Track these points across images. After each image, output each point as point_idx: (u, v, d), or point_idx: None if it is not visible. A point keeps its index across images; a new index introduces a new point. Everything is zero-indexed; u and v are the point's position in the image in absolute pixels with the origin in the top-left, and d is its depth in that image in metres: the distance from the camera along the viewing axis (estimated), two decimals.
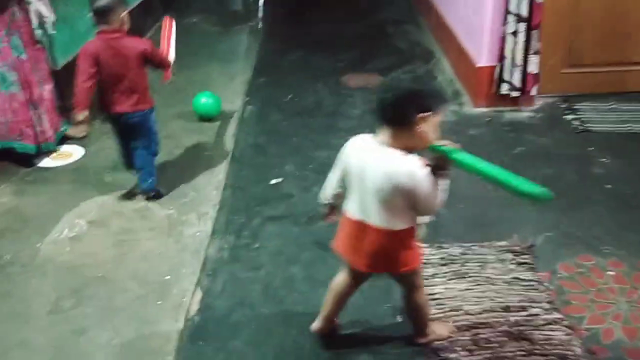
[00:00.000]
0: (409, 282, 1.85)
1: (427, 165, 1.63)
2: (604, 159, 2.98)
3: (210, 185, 2.92)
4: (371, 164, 1.66)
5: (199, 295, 2.23)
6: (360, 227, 1.73)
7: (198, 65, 4.32)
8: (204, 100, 3.52)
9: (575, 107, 3.51)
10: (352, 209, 1.76)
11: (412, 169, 1.60)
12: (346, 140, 1.86)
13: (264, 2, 5.93)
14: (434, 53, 4.45)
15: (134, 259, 2.43)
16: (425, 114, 1.60)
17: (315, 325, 2.00)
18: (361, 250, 1.76)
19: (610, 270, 2.24)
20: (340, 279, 1.91)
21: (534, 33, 3.28)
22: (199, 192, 2.87)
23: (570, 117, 3.41)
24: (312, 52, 4.58)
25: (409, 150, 1.63)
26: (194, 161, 3.14)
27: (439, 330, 1.98)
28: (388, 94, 1.66)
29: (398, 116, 1.61)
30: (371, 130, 3.21)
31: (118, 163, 2.90)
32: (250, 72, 4.29)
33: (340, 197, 1.84)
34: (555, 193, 2.64)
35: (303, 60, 4.45)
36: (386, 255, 1.75)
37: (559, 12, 3.39)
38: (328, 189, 1.88)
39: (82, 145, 3.30)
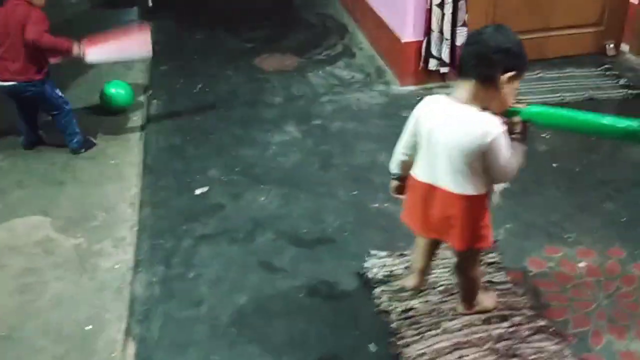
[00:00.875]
0: (471, 258, 1.76)
1: (506, 126, 1.53)
2: (544, 135, 2.87)
3: (123, 201, 2.50)
4: (446, 122, 1.56)
5: (132, 347, 1.86)
6: (429, 192, 1.64)
7: None
8: (114, 91, 3.06)
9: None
10: (420, 173, 1.67)
11: (491, 127, 1.50)
12: (271, 133, 1.68)
13: None
14: (347, 27, 4.17)
15: (44, 308, 2.00)
16: (511, 73, 1.51)
17: (410, 281, 1.96)
18: (430, 216, 1.67)
19: (581, 261, 2.11)
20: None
21: (461, 4, 3.08)
22: (110, 211, 2.44)
23: None
24: (217, 31, 4.15)
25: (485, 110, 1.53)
26: (99, 172, 2.68)
27: (485, 301, 1.88)
28: (478, 45, 1.53)
29: (486, 70, 1.50)
30: (295, 118, 2.92)
31: (9, 182, 2.41)
32: (148, 58, 3.79)
33: (409, 166, 1.71)
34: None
35: (208, 41, 4.02)
36: (455, 223, 1.63)
37: None
38: (397, 156, 1.75)
39: None
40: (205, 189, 2.56)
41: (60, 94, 2.74)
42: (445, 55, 3.19)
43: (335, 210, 2.43)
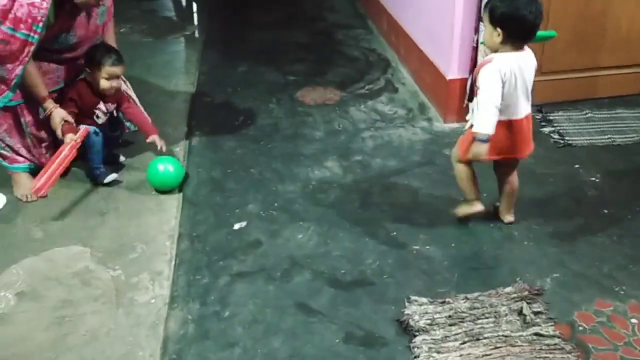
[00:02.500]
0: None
1: None
2: (593, 178, 2.77)
3: (162, 234, 2.50)
4: (525, 64, 2.15)
5: None
6: (508, 127, 2.22)
7: (132, 84, 3.83)
8: (162, 168, 2.74)
9: (550, 117, 3.30)
10: (513, 113, 2.21)
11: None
12: (311, 169, 2.51)
13: (200, 8, 5.46)
14: (391, 61, 4.15)
15: (78, 343, 1.98)
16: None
17: (479, 206, 2.40)
18: (512, 144, 2.26)
19: (633, 318, 2.00)
20: (462, 168, 2.36)
21: None
22: (149, 244, 2.44)
23: (547, 129, 3.19)
24: (259, 64, 4.18)
25: None
26: (140, 203, 2.70)
27: None
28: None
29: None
30: (336, 153, 2.90)
31: (51, 212, 2.44)
32: (192, 89, 3.85)
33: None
34: (553, 225, 2.46)
35: (250, 74, 4.04)
36: (530, 136, 2.29)
37: None
38: (494, 115, 2.12)
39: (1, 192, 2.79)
40: (243, 224, 2.54)
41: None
42: None
43: (375, 251, 2.37)
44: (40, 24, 2.42)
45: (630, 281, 2.15)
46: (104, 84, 2.69)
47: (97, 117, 2.79)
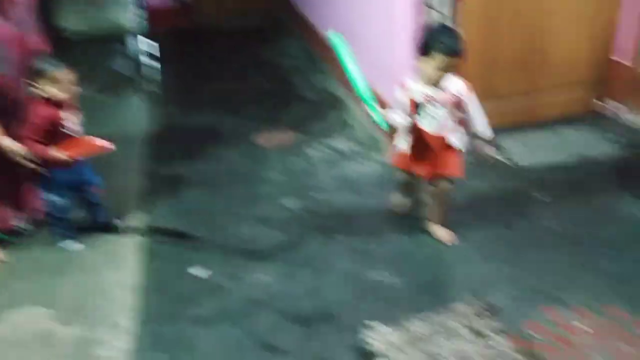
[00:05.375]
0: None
1: None
2: (545, 199, 2.88)
3: (122, 287, 2.51)
4: None
5: None
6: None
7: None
8: None
9: (500, 143, 3.43)
10: None
11: None
12: (271, 210, 2.40)
13: (153, 58, 5.52)
14: (344, 100, 4.28)
15: None
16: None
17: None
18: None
19: (579, 322, 2.08)
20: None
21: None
22: (110, 299, 2.45)
23: (498, 155, 3.31)
24: (216, 111, 4.26)
25: None
26: (99, 259, 2.71)
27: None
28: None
29: None
30: (294, 192, 2.95)
31: (10, 274, 2.45)
32: (148, 138, 3.90)
33: None
34: (503, 241, 2.56)
35: (207, 122, 4.12)
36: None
37: (470, 51, 3.30)
38: None
39: None
40: (204, 270, 2.58)
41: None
42: None
43: (336, 284, 2.43)
44: None
45: (577, 289, 2.25)
46: (52, 91, 2.53)
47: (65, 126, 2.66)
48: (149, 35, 4.90)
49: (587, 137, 3.38)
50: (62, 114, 2.64)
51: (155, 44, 4.85)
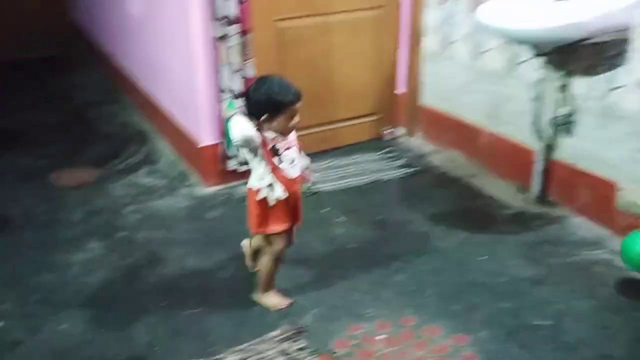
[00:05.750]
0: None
1: None
2: (339, 219, 3.12)
3: None
4: None
5: None
6: None
7: None
8: None
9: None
10: None
11: None
12: (72, 253, 2.25)
13: None
14: (148, 134, 4.22)
15: None
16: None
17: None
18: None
19: (380, 334, 2.29)
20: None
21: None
22: None
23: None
24: (6, 150, 3.94)
25: None
26: None
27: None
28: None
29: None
30: (97, 234, 2.86)
31: None
32: None
33: None
34: (307, 265, 2.72)
35: None
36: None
37: None
38: None
39: None
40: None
41: None
42: (242, 155, 3.37)
43: (146, 325, 2.38)
44: None
45: (376, 303, 2.47)
46: None
47: None
48: None
49: (377, 162, 3.74)
50: None
51: None
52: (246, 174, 3.39)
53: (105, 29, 5.31)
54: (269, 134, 2.16)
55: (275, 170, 2.20)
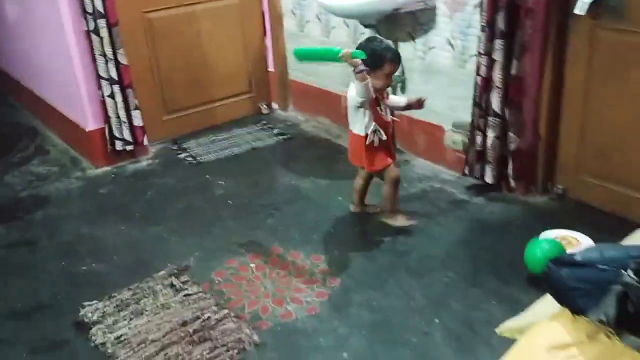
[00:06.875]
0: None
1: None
2: (220, 182, 3.55)
3: None
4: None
5: None
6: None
7: None
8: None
9: (184, 146, 4.04)
10: None
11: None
12: None
13: None
14: (38, 129, 4.45)
15: None
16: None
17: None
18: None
19: (253, 263, 2.76)
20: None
21: (129, 92, 3.66)
22: None
23: (182, 155, 3.91)
24: None
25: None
26: None
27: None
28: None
29: None
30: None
31: None
32: None
33: None
34: (191, 220, 3.13)
35: None
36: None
37: (144, 71, 3.86)
38: None
39: None
40: None
41: None
42: (128, 136, 3.72)
43: (48, 283, 2.72)
44: None
45: (249, 242, 2.93)
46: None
47: None
48: None
49: (255, 133, 4.19)
50: None
51: None
52: (134, 152, 3.80)
53: None
54: (374, 86, 2.55)
55: (378, 117, 2.65)
